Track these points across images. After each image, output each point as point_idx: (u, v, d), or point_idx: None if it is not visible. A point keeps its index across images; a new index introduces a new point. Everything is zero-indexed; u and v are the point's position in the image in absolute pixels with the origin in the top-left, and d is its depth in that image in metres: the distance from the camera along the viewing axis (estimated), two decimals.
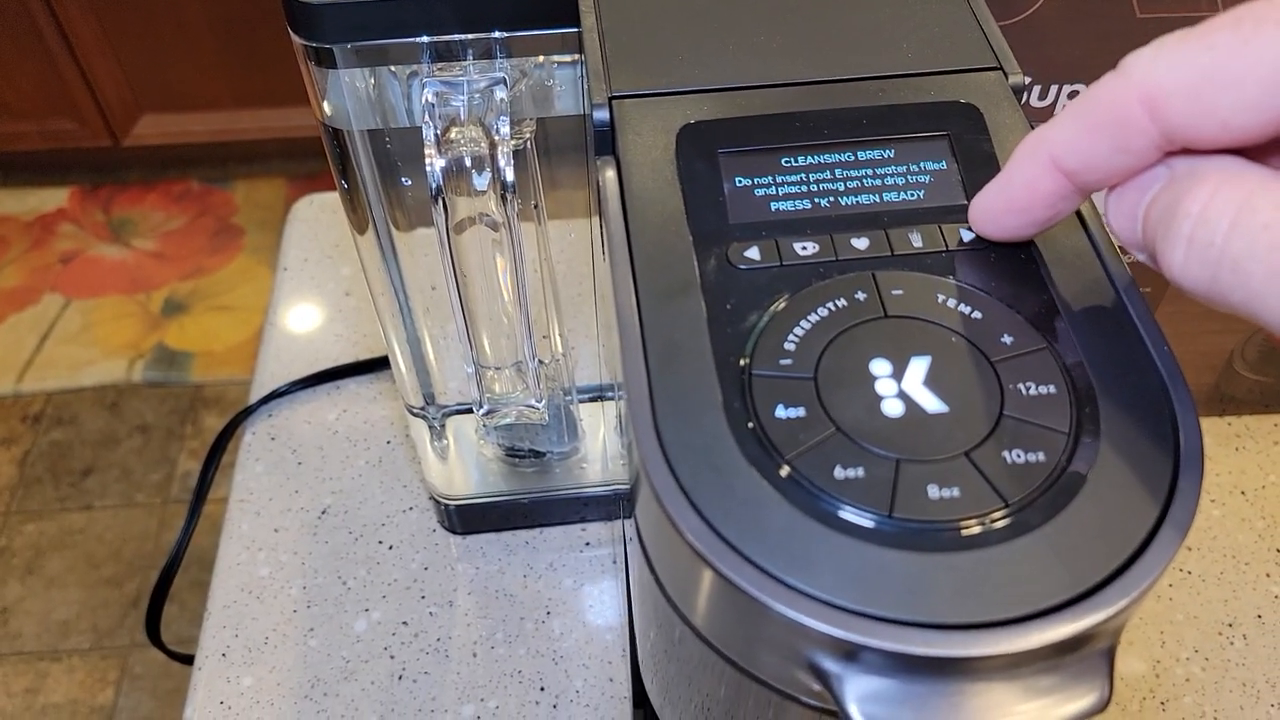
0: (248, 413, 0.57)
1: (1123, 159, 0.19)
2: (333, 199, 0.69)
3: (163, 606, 0.57)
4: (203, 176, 1.87)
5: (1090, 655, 0.18)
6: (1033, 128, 0.25)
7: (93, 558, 1.37)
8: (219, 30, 1.64)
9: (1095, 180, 0.20)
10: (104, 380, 1.57)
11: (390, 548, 0.51)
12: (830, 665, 0.18)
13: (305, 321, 0.62)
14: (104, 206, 1.83)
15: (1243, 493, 0.53)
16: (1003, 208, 0.22)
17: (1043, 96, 0.40)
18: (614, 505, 0.50)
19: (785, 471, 0.19)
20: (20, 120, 1.72)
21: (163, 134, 1.76)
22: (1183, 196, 0.18)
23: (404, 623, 0.48)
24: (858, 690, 0.18)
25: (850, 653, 0.18)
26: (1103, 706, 0.18)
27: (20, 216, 1.81)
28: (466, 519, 0.51)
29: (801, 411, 0.20)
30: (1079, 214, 0.24)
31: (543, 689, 0.46)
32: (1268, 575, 0.50)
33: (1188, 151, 0.19)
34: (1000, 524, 0.19)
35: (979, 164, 0.25)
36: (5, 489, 1.45)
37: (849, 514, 0.19)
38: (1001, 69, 0.27)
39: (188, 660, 0.50)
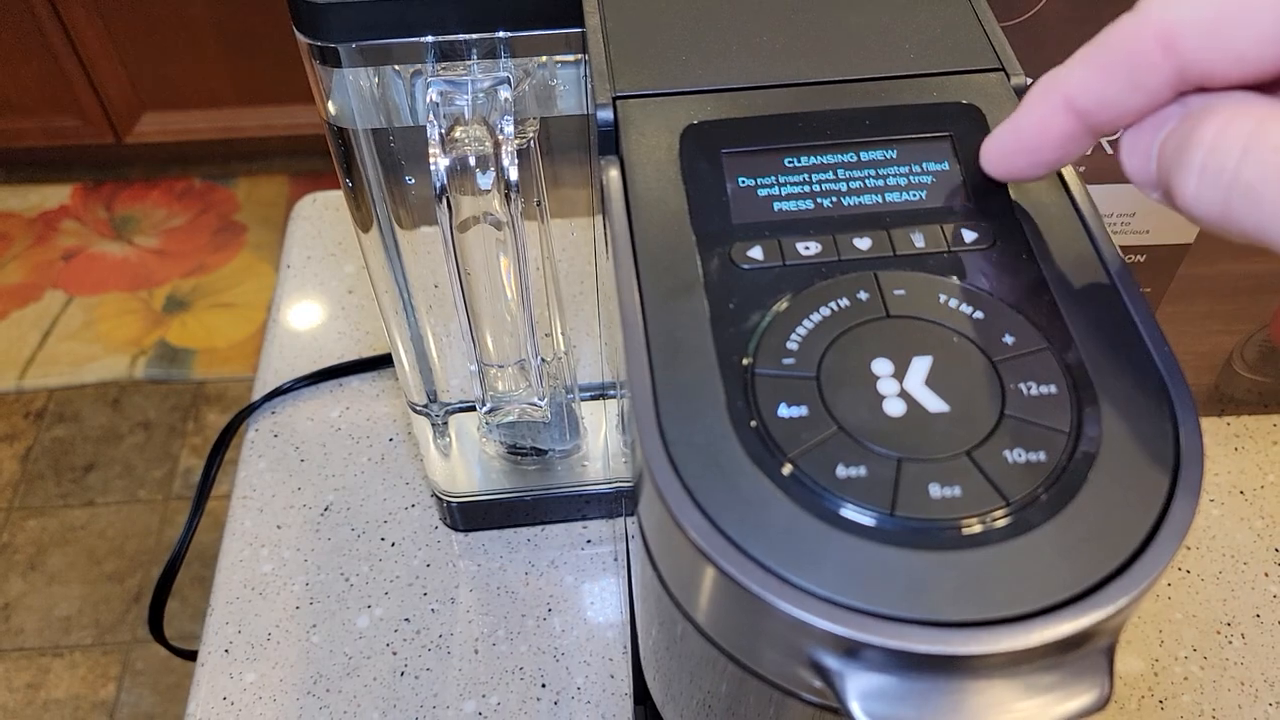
0: (251, 410, 0.57)
1: (1137, 98, 0.20)
2: (336, 197, 0.69)
3: (165, 602, 0.57)
4: (205, 174, 1.87)
5: (1090, 653, 0.18)
6: None
7: (94, 554, 1.38)
8: (221, 28, 1.64)
9: (1107, 120, 0.20)
10: (106, 377, 1.57)
11: (392, 544, 0.51)
12: (832, 662, 0.18)
13: (308, 319, 0.63)
14: (106, 203, 1.83)
15: (1241, 492, 0.53)
16: (1013, 147, 0.22)
17: None
18: (615, 503, 0.50)
19: (788, 470, 0.20)
20: (23, 117, 1.72)
21: (165, 131, 1.77)
22: (1196, 127, 0.18)
23: (406, 619, 0.49)
24: (859, 687, 0.18)
25: (852, 650, 0.18)
26: (1103, 704, 0.18)
27: (23, 213, 1.81)
28: (468, 516, 0.51)
29: (804, 410, 0.20)
30: (1079, 214, 0.24)
31: (544, 685, 0.46)
32: (1266, 575, 0.50)
33: (1201, 90, 0.19)
34: (1001, 523, 0.19)
35: (980, 165, 0.25)
36: (7, 485, 1.45)
37: (851, 512, 0.19)
38: (1004, 70, 0.27)
39: (190, 656, 0.50)
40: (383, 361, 0.59)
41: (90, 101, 1.69)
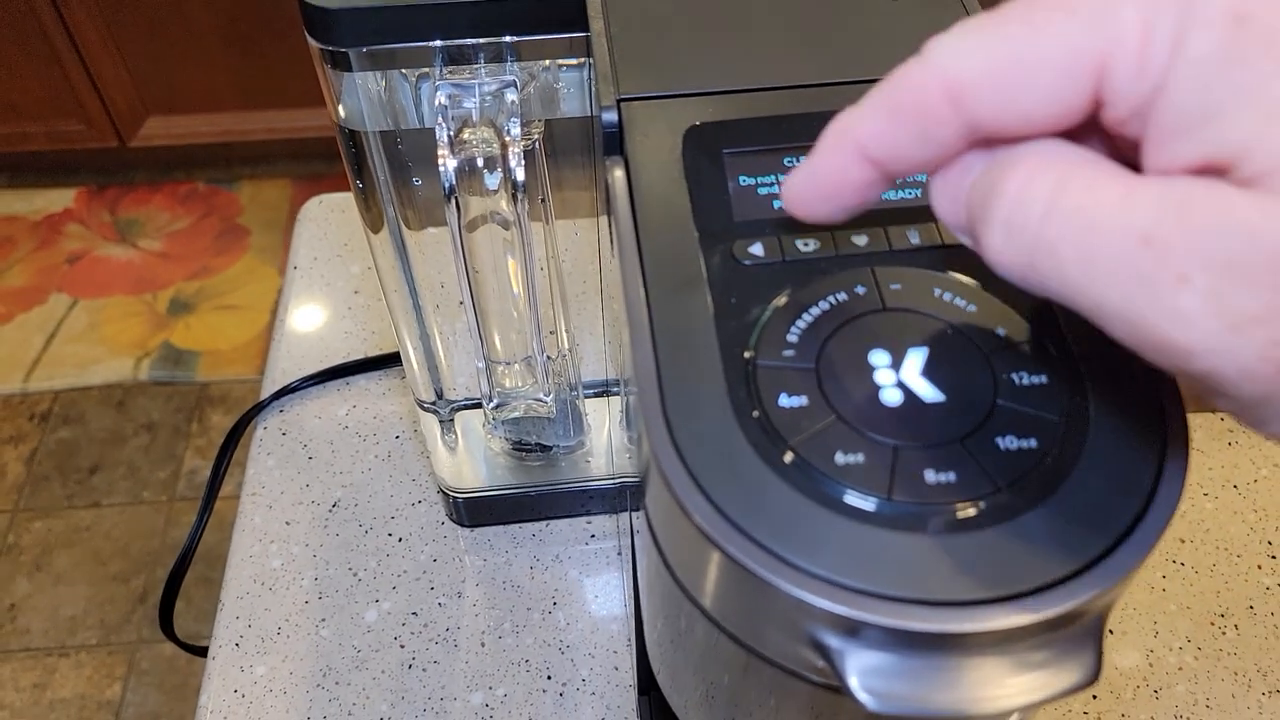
0: (259, 408, 0.58)
1: (927, 149, 0.19)
2: (341, 199, 0.70)
3: (175, 600, 0.58)
4: (208, 177, 1.88)
5: (1080, 632, 0.19)
6: None
7: (100, 554, 1.39)
8: (225, 32, 1.65)
9: (902, 169, 0.20)
10: (111, 379, 1.58)
11: (400, 540, 0.52)
12: (832, 641, 0.19)
13: (315, 319, 0.63)
14: (110, 207, 1.84)
15: (1235, 486, 0.54)
16: (811, 194, 0.21)
17: None
18: (618, 498, 0.51)
19: (789, 457, 0.20)
20: (27, 122, 1.73)
21: (169, 135, 1.77)
22: (1000, 178, 0.18)
23: (414, 613, 0.49)
24: (858, 665, 0.19)
25: (851, 629, 0.19)
26: (1092, 680, 0.19)
27: (27, 217, 1.82)
28: (474, 512, 0.52)
29: (804, 400, 0.21)
30: None
31: (549, 677, 0.47)
32: (1259, 567, 0.50)
33: (994, 143, 0.19)
34: (994, 506, 0.20)
35: None
36: (13, 487, 1.46)
37: (850, 497, 0.20)
38: None
39: (200, 652, 0.51)
40: (389, 360, 0.60)
41: (94, 105, 1.70)
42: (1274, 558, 0.51)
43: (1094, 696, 0.46)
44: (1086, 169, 0.17)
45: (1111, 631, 0.48)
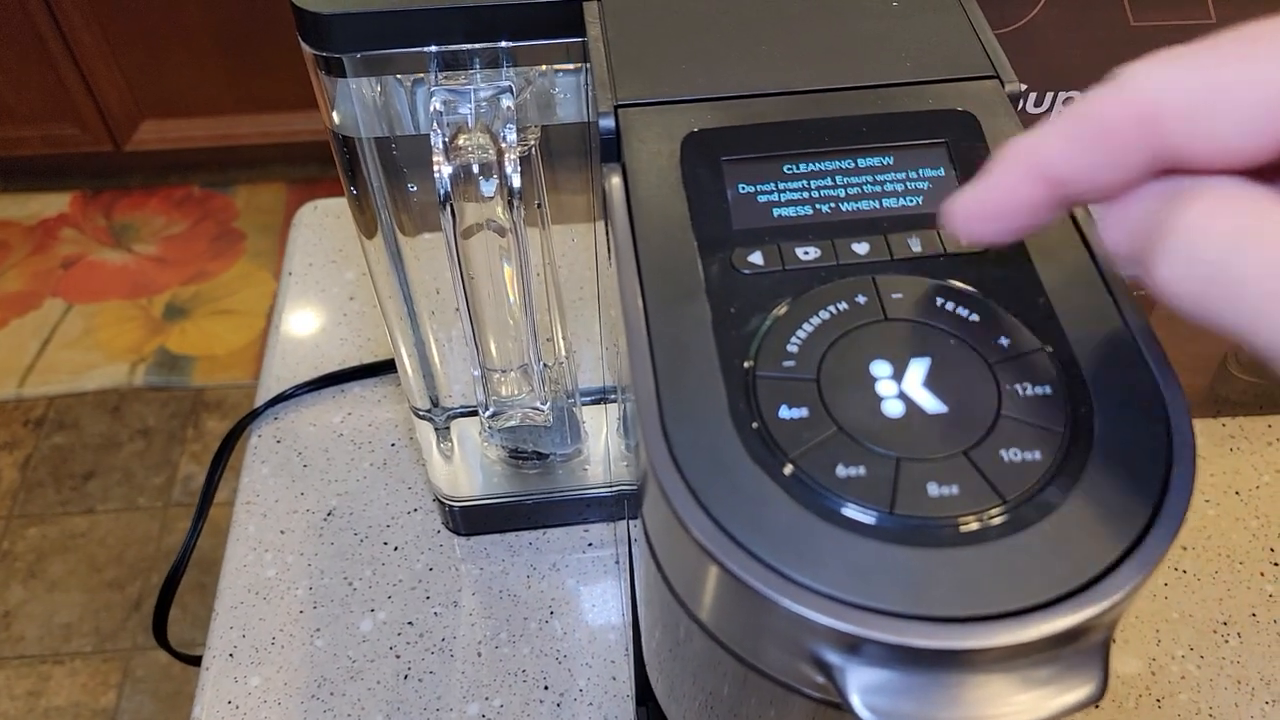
0: (254, 416, 0.57)
1: (1113, 175, 0.19)
2: (336, 205, 0.70)
3: (170, 607, 0.57)
4: (204, 181, 1.88)
5: (1086, 648, 0.19)
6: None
7: (94, 561, 1.38)
8: (220, 36, 1.65)
9: (1081, 194, 0.20)
10: (106, 384, 1.58)
11: (395, 549, 0.52)
12: (833, 658, 0.19)
13: (310, 326, 0.63)
14: (105, 211, 1.83)
15: (1237, 493, 0.53)
16: (979, 213, 0.21)
17: (1039, 103, 0.41)
18: (616, 506, 0.50)
19: (789, 470, 0.20)
20: (23, 126, 1.73)
21: (164, 139, 1.77)
22: (1182, 210, 0.18)
23: (409, 623, 0.49)
24: (860, 682, 0.19)
25: (853, 645, 0.19)
26: (1098, 697, 0.19)
27: (22, 221, 1.82)
28: (471, 520, 0.51)
29: (804, 412, 0.21)
30: (1073, 218, 0.24)
31: (546, 688, 0.47)
32: (1261, 574, 0.50)
33: (1180, 172, 0.19)
34: (998, 520, 0.19)
35: (976, 170, 0.25)
36: (7, 493, 1.45)
37: (851, 511, 0.19)
38: (998, 77, 0.28)
39: (194, 661, 0.50)
40: (385, 367, 0.59)
41: (89, 110, 1.70)
42: (1276, 564, 0.51)
43: (1096, 705, 0.46)
44: (1274, 205, 0.17)
45: (1113, 640, 0.48)
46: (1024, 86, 0.40)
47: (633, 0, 0.31)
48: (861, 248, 0.24)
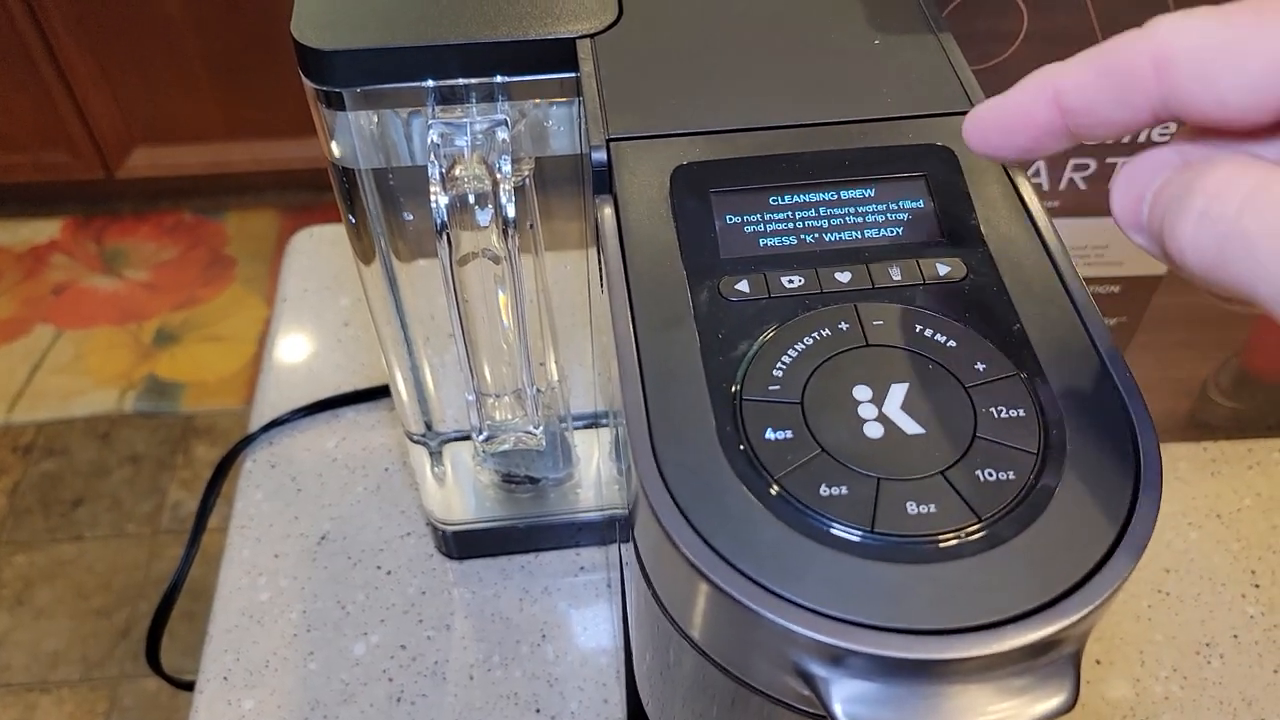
0: (248, 441, 0.58)
1: (1119, 112, 0.20)
2: (330, 231, 0.71)
3: (162, 634, 0.57)
4: (195, 208, 1.89)
5: (1058, 658, 0.20)
6: (1004, 168, 0.27)
7: (82, 588, 1.37)
8: (212, 63, 1.66)
9: (1087, 125, 0.21)
10: (95, 411, 1.57)
11: (388, 573, 0.52)
12: (817, 670, 0.20)
13: (304, 351, 0.64)
14: (96, 238, 1.84)
15: (1218, 516, 0.54)
16: (993, 124, 0.23)
17: None
18: (608, 530, 0.51)
19: (774, 490, 0.21)
20: (14, 152, 1.73)
21: (155, 166, 1.78)
22: (1199, 176, 0.19)
23: (402, 646, 0.49)
24: (843, 693, 0.19)
25: (836, 657, 0.19)
26: (1070, 706, 0.19)
27: (12, 248, 1.82)
28: (463, 544, 0.52)
29: (789, 434, 0.22)
30: (1046, 249, 0.25)
31: (538, 711, 0.47)
32: (1243, 596, 0.51)
33: (1187, 132, 0.20)
34: (974, 537, 0.20)
35: (954, 202, 0.26)
36: None
37: (834, 529, 0.20)
38: None
39: (187, 686, 0.51)
40: (378, 393, 0.60)
41: (81, 136, 1.71)
42: (1257, 586, 0.51)
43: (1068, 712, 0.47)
44: None
45: (1099, 662, 0.49)
46: None
47: (624, 37, 0.32)
48: (844, 276, 0.25)
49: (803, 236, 0.26)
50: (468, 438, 0.48)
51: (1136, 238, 0.21)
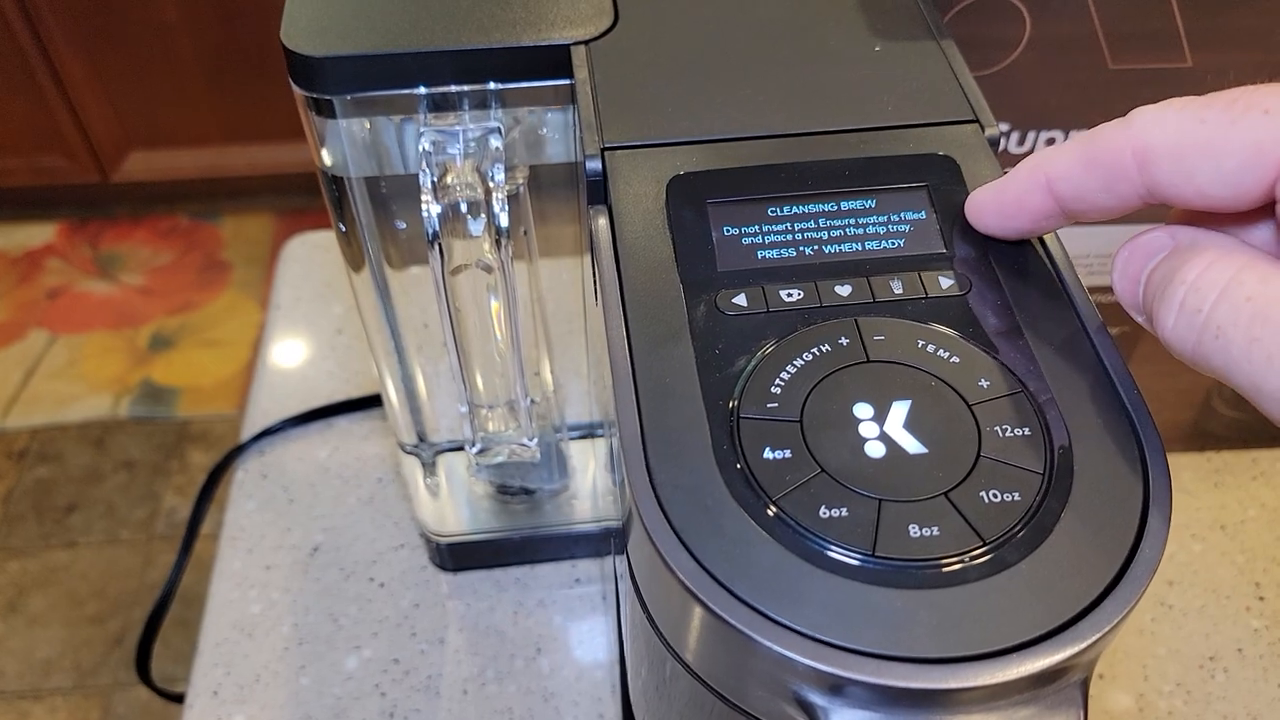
0: (239, 450, 0.57)
1: (1107, 199, 0.21)
2: (324, 238, 0.70)
3: (153, 644, 0.57)
4: (191, 212, 1.88)
5: (1066, 686, 0.19)
6: None
7: (76, 595, 1.36)
8: (207, 67, 1.65)
9: (1080, 210, 0.22)
10: (90, 416, 1.57)
11: (381, 585, 0.52)
12: (816, 698, 0.19)
13: (297, 359, 0.63)
14: (91, 242, 1.83)
15: (1223, 527, 0.54)
16: (992, 209, 0.24)
17: (1020, 143, 0.42)
18: (604, 542, 0.50)
19: (772, 511, 0.20)
20: (9, 156, 1.73)
21: (151, 170, 1.77)
22: (1180, 266, 0.20)
23: (395, 660, 0.49)
24: None
25: (835, 686, 0.19)
26: None
27: (7, 252, 1.81)
28: (457, 556, 0.51)
29: (788, 453, 0.21)
30: (1051, 261, 0.25)
31: None
32: (1247, 609, 0.50)
33: (1177, 216, 0.21)
34: (978, 561, 0.19)
35: (957, 213, 0.26)
36: None
37: (833, 552, 0.20)
38: (978, 121, 0.28)
39: (178, 699, 0.50)
40: (371, 402, 0.59)
41: (77, 140, 1.70)
42: (1262, 599, 0.51)
43: None
44: (1263, 264, 0.19)
45: (1102, 676, 0.48)
46: (1005, 128, 0.41)
47: (620, 44, 0.31)
48: (844, 290, 0.24)
49: (802, 248, 0.25)
50: (461, 448, 0.47)
51: (1138, 318, 0.22)
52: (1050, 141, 0.42)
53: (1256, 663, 0.48)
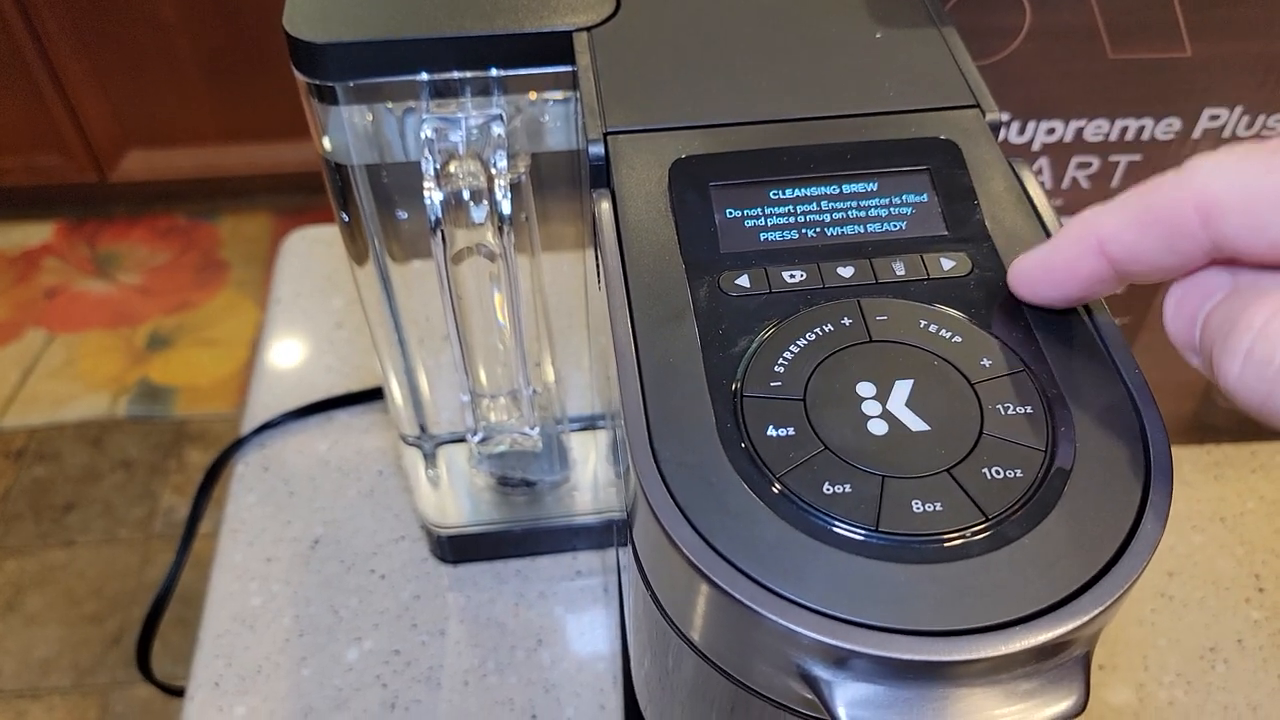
0: (240, 444, 0.57)
1: (1169, 259, 0.20)
2: (324, 233, 0.70)
3: (153, 639, 0.57)
4: (189, 211, 1.88)
5: (1067, 661, 0.19)
6: (1009, 162, 0.27)
7: (74, 594, 1.36)
8: (205, 66, 1.65)
9: (1138, 272, 0.20)
10: (87, 415, 1.56)
11: (382, 577, 0.52)
12: (821, 672, 0.19)
13: (297, 353, 0.63)
14: (89, 241, 1.83)
15: (1222, 519, 0.54)
16: (1041, 278, 0.22)
17: (1021, 132, 0.42)
18: (604, 534, 0.50)
19: (776, 488, 0.20)
20: (6, 155, 1.72)
21: (149, 169, 1.77)
22: (1245, 309, 0.18)
23: (396, 651, 0.49)
24: (847, 696, 0.19)
25: (840, 660, 0.19)
26: (1080, 710, 0.19)
27: (5, 251, 1.81)
28: (458, 548, 0.51)
29: (791, 431, 0.21)
30: None
31: (534, 717, 0.47)
32: (1247, 600, 0.51)
33: (1236, 263, 0.19)
34: (981, 536, 0.20)
35: (958, 196, 0.26)
36: None
37: (837, 528, 0.20)
38: (979, 106, 0.28)
39: (178, 693, 0.50)
40: (371, 395, 0.59)
41: (75, 139, 1.70)
42: (1261, 590, 0.51)
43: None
44: None
45: (1102, 666, 0.48)
46: (1006, 115, 0.41)
47: (621, 30, 0.31)
48: (846, 271, 0.24)
49: (804, 231, 0.25)
50: (462, 440, 0.47)
51: (1193, 360, 0.21)
52: (1050, 131, 0.42)
53: (1256, 654, 0.49)
